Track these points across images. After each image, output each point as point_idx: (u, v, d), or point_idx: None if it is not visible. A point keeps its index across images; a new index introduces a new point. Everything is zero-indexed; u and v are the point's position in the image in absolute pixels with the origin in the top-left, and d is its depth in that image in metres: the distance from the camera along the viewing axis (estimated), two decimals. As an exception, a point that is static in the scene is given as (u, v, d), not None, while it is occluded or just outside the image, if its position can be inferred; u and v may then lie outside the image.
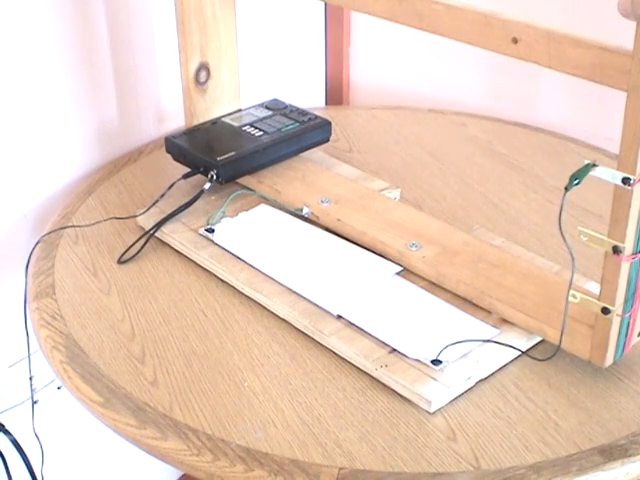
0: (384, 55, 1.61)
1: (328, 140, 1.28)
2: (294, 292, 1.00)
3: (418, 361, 0.90)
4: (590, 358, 0.90)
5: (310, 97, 1.63)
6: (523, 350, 0.92)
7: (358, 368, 0.92)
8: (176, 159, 1.22)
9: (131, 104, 1.36)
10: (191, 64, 1.25)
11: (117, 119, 1.34)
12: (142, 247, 1.10)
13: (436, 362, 0.89)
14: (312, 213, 1.13)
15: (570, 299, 0.86)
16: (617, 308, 0.85)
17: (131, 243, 1.11)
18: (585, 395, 0.88)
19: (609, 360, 0.89)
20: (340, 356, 0.93)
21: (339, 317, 0.97)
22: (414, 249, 1.05)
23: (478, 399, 0.88)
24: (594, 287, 0.93)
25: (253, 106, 1.31)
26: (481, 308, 0.98)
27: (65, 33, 1.23)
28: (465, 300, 0.99)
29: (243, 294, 1.03)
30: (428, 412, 0.86)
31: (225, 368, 0.93)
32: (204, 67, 1.26)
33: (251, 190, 1.20)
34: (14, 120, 1.20)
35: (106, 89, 1.31)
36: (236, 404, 0.88)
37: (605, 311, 0.85)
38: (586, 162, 0.82)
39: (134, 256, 1.09)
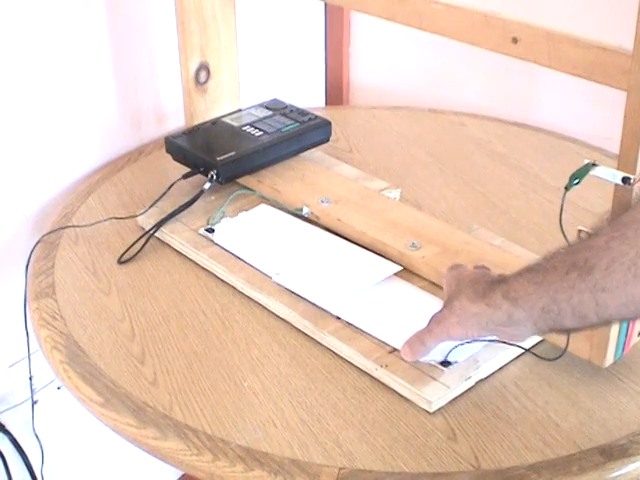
0: (384, 55, 1.61)
1: (328, 140, 1.28)
2: (294, 292, 1.00)
3: (430, 364, 0.89)
4: (590, 358, 0.90)
5: (310, 97, 1.63)
6: (527, 348, 0.92)
7: (358, 368, 0.92)
8: (176, 159, 1.22)
9: (131, 104, 1.36)
10: (191, 64, 1.25)
11: (117, 119, 1.34)
12: (142, 247, 1.10)
13: (445, 363, 0.89)
14: (312, 213, 1.13)
15: (570, 299, 0.86)
16: (617, 308, 0.85)
17: (131, 243, 1.11)
18: (585, 395, 0.88)
19: (609, 360, 0.89)
20: (340, 356, 0.93)
21: (339, 317, 0.97)
22: (414, 249, 1.05)
23: (478, 399, 0.88)
24: (594, 287, 0.93)
25: (253, 106, 1.31)
26: (481, 308, 0.97)
27: (65, 34, 1.23)
28: (465, 300, 0.99)
29: (243, 294, 1.03)
30: (428, 412, 0.86)
31: (225, 368, 0.93)
32: (204, 67, 1.26)
33: (251, 190, 1.20)
34: (15, 120, 1.20)
35: (106, 89, 1.31)
36: (236, 404, 0.88)
37: (605, 311, 0.85)
38: (586, 162, 0.82)
39: (134, 256, 1.09)
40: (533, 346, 0.93)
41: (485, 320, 0.80)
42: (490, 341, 0.91)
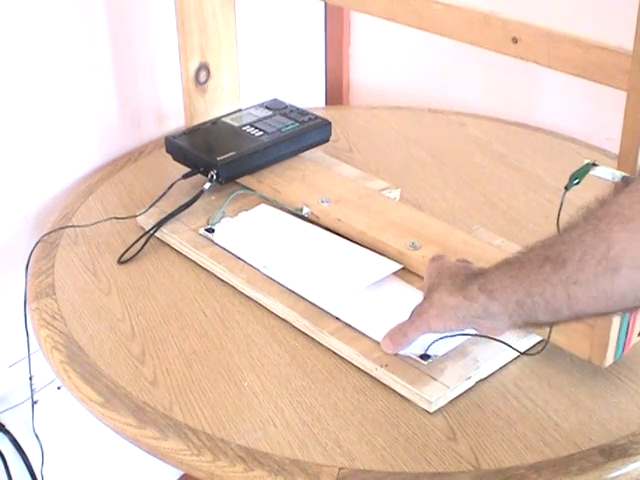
0: (384, 55, 1.61)
1: (328, 140, 1.28)
2: (294, 292, 1.00)
3: (410, 357, 0.90)
4: (590, 358, 0.90)
5: (310, 97, 1.63)
6: (521, 351, 0.92)
7: (358, 368, 0.92)
8: (176, 159, 1.22)
9: (131, 104, 1.36)
10: (191, 64, 1.25)
11: (117, 119, 1.34)
12: (142, 247, 1.10)
13: (425, 357, 0.90)
14: (312, 213, 1.13)
15: (570, 299, 0.86)
16: (617, 308, 0.85)
17: (131, 243, 1.11)
18: (585, 395, 0.88)
19: (609, 360, 0.89)
20: (340, 356, 0.93)
21: (338, 318, 0.97)
22: (414, 249, 1.05)
23: (478, 399, 0.88)
24: (594, 287, 0.93)
25: (253, 106, 1.31)
26: (481, 308, 0.97)
27: (66, 34, 1.23)
28: (465, 300, 0.99)
29: (243, 294, 1.03)
30: (428, 412, 0.86)
31: (225, 368, 0.93)
32: (204, 67, 1.26)
33: (251, 190, 1.20)
34: (15, 120, 1.20)
35: (106, 89, 1.31)
36: (236, 404, 0.88)
37: (605, 311, 0.85)
38: (586, 161, 0.82)
39: (134, 256, 1.09)
40: (529, 348, 0.93)
41: (462, 313, 0.81)
42: (471, 335, 0.91)
